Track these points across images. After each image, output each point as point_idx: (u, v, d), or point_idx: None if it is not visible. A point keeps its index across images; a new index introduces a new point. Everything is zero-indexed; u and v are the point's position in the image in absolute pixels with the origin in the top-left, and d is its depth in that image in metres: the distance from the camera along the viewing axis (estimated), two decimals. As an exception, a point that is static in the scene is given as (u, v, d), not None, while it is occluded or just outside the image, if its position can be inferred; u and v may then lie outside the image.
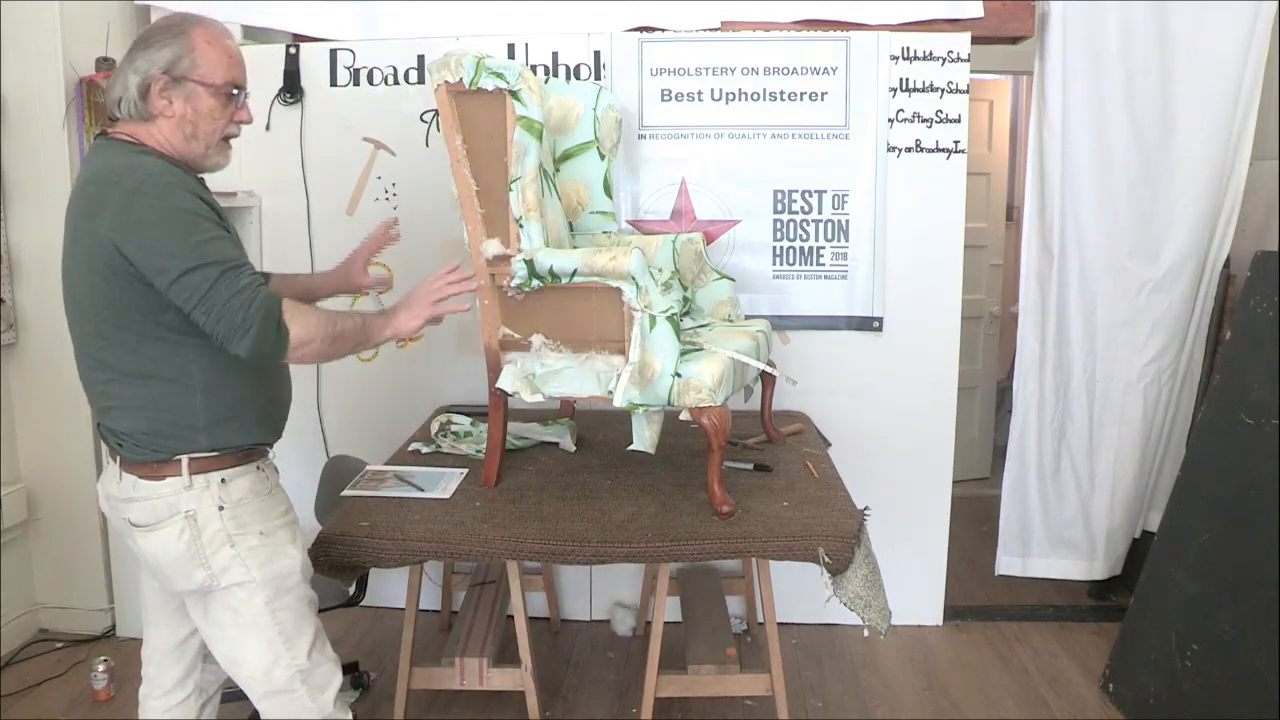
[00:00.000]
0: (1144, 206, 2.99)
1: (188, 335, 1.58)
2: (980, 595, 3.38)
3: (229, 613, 1.68)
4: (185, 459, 1.62)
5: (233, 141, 1.72)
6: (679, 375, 2.10)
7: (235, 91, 1.67)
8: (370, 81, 3.04)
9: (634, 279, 2.05)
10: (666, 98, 3.00)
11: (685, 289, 2.75)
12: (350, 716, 1.81)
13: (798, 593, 2.91)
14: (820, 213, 3.02)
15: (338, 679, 1.79)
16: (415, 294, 1.80)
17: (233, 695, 2.49)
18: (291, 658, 1.71)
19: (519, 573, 2.35)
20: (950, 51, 2.93)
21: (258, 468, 1.72)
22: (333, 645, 1.82)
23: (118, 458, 1.66)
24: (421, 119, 3.03)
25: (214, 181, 1.74)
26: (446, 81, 2.11)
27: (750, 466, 2.48)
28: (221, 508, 1.65)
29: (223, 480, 1.66)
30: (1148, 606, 2.64)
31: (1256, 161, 2.98)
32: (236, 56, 1.68)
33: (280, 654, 1.70)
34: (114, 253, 1.51)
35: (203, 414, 1.63)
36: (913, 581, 3.07)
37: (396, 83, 3.03)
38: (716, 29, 2.97)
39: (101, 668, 2.69)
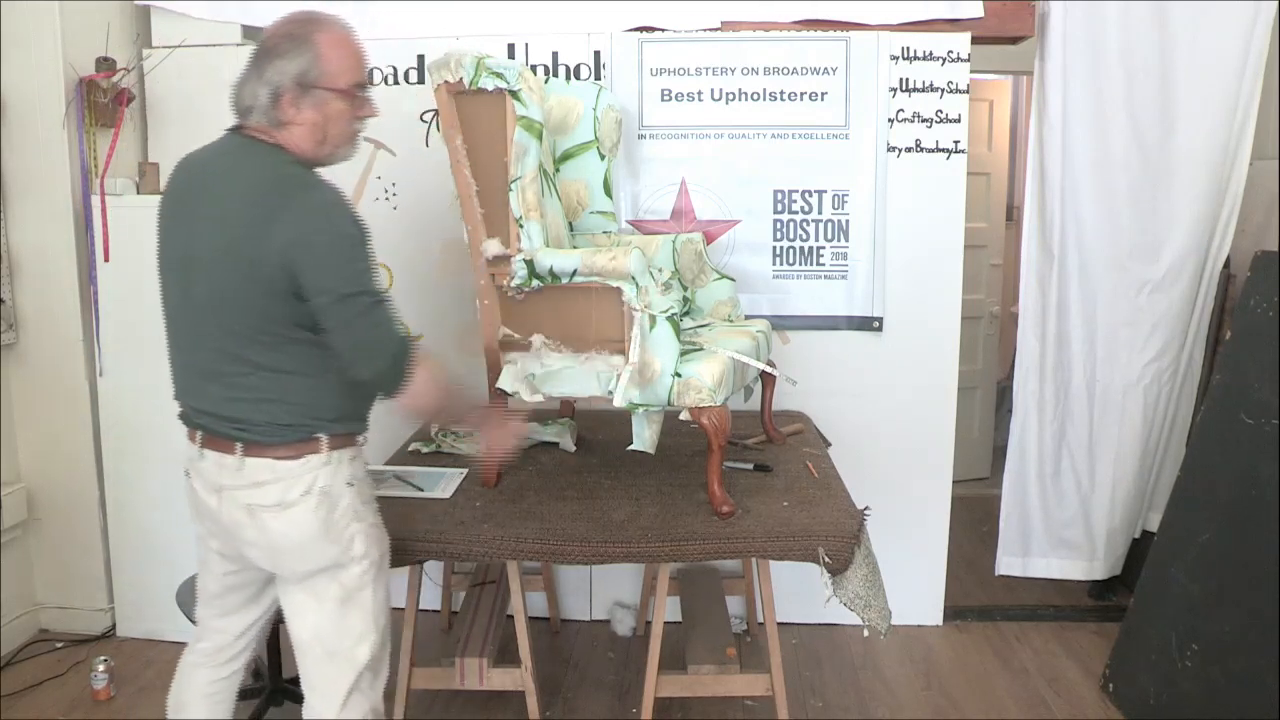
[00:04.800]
0: (1144, 206, 2.99)
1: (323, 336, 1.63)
2: (980, 595, 3.38)
3: (338, 587, 1.72)
4: (325, 436, 1.67)
5: None
6: (679, 375, 2.10)
7: (361, 90, 1.69)
8: (370, 81, 3.03)
9: (634, 279, 2.06)
10: (666, 98, 3.00)
11: (685, 289, 2.75)
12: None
13: (798, 593, 2.91)
14: (820, 213, 3.02)
15: (386, 672, 1.84)
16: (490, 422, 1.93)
17: (242, 694, 2.49)
18: (378, 637, 1.77)
19: (519, 573, 2.35)
20: (950, 51, 2.93)
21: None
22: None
23: (237, 446, 1.65)
24: (421, 119, 3.03)
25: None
26: (446, 81, 2.11)
27: (750, 466, 2.48)
28: (350, 484, 1.71)
29: (352, 458, 1.73)
30: (1148, 606, 2.64)
31: (1256, 161, 2.98)
32: (361, 55, 1.70)
33: (368, 631, 1.75)
34: (279, 267, 1.54)
35: (338, 408, 1.69)
36: (913, 581, 3.06)
37: (396, 83, 3.03)
38: (716, 29, 2.97)
39: (101, 668, 2.69)
